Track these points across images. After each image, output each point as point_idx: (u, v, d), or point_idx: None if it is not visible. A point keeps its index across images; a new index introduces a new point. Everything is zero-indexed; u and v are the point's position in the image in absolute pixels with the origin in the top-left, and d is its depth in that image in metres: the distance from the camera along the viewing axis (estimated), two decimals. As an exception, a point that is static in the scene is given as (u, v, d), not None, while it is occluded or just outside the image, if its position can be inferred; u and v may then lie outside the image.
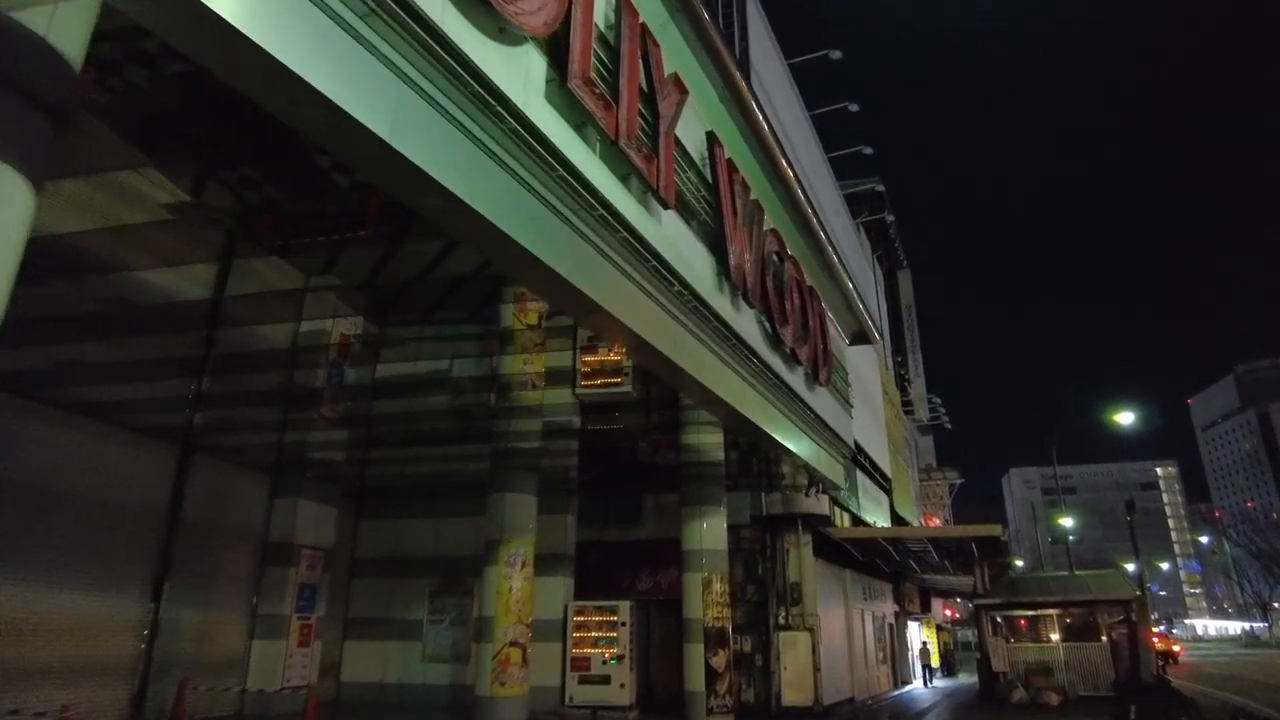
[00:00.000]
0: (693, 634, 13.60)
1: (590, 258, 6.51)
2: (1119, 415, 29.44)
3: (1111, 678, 17.10)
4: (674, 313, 8.10)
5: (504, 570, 12.65)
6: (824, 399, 13.44)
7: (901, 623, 26.50)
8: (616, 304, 6.93)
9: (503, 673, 12.16)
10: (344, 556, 16.27)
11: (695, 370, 8.55)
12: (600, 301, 6.59)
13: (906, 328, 50.65)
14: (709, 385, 8.86)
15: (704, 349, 8.83)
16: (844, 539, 17.82)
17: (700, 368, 8.67)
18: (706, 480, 14.36)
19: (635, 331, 7.31)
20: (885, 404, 30.55)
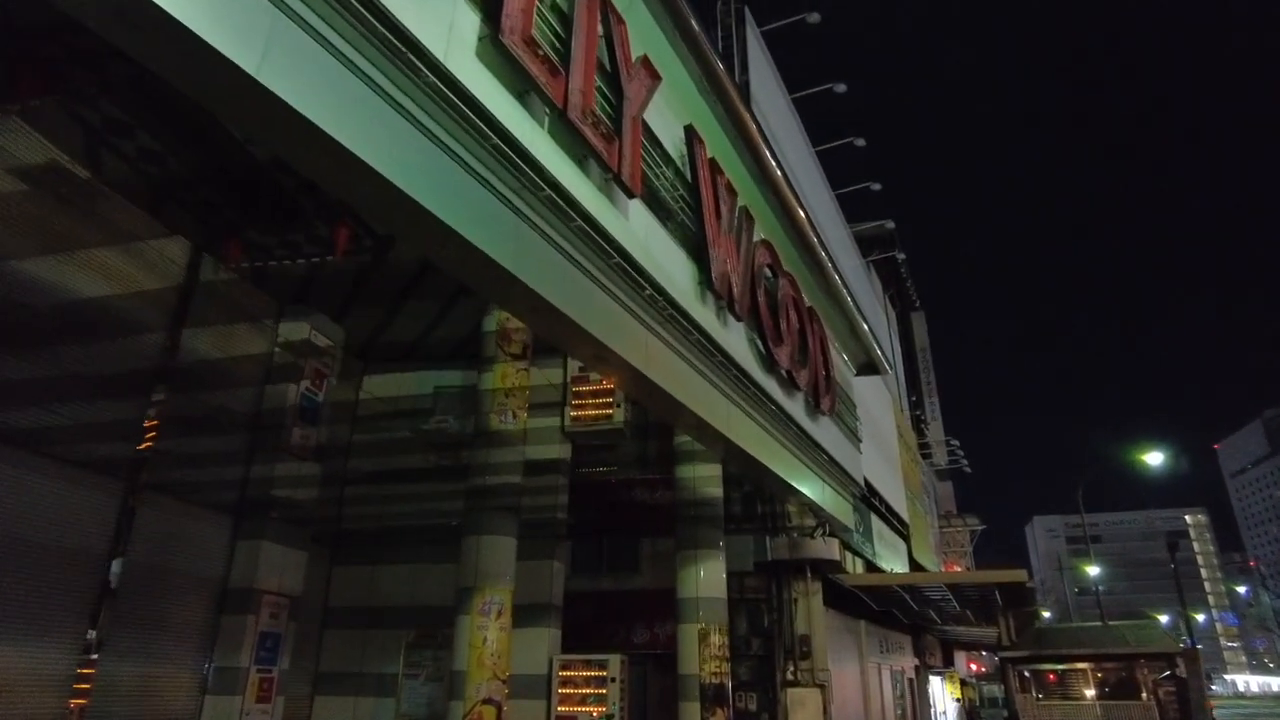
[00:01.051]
0: (687, 691, 12.35)
1: (534, 245, 5.62)
2: (1148, 455, 28.01)
3: (1156, 741, 15.54)
4: (645, 320, 7.16)
5: (478, 620, 11.56)
6: (828, 431, 12.38)
7: (923, 678, 24.81)
8: (570, 302, 6.01)
9: (474, 734, 10.96)
10: (316, 605, 15.16)
11: (672, 387, 7.58)
12: (548, 296, 5.67)
13: (922, 370, 49.52)
14: (690, 406, 7.87)
15: (684, 364, 7.87)
16: (856, 586, 16.52)
17: (678, 384, 7.70)
18: (703, 522, 13.25)
19: (595, 337, 6.38)
20: (901, 448, 29.30)
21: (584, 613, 15.99)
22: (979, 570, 30.80)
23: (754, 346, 9.48)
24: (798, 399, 10.86)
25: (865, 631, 18.54)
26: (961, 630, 25.41)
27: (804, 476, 11.39)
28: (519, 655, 13.61)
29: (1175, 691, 11.03)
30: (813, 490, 11.84)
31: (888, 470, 25.30)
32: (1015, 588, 15.79)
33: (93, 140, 10.90)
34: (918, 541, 28.22)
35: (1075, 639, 17.64)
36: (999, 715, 24.02)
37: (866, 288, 30.72)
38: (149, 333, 11.86)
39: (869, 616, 18.77)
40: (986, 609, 19.30)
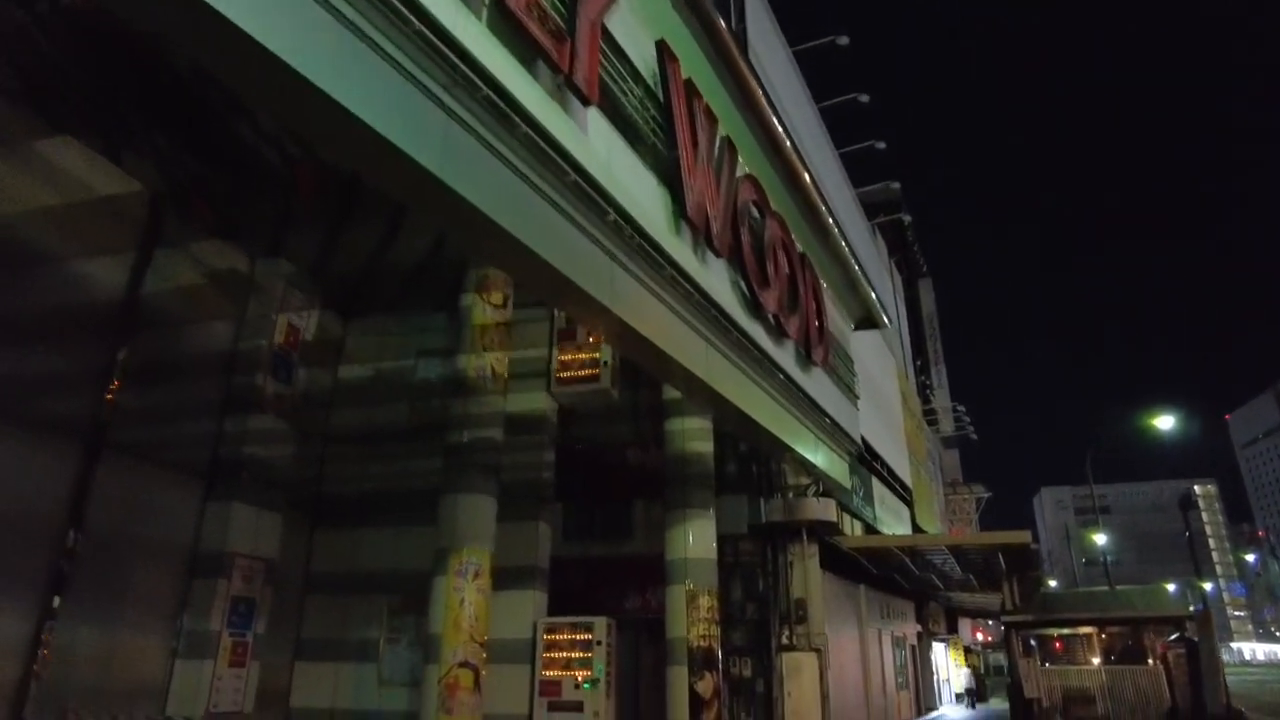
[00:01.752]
0: (675, 655, 11.90)
1: (469, 151, 4.98)
2: (1158, 420, 27.33)
3: (1165, 706, 15.03)
4: (611, 250, 6.54)
5: (454, 582, 11.09)
6: (822, 384, 11.77)
7: (925, 644, 24.43)
8: (520, 223, 5.39)
9: (450, 698, 10.55)
10: (297, 571, 14.74)
11: (644, 326, 6.97)
12: (489, 213, 5.05)
13: (929, 338, 48.73)
14: (664, 347, 7.27)
15: (656, 302, 7.26)
16: (854, 549, 16.01)
17: (650, 324, 7.09)
18: (692, 482, 12.71)
19: (552, 265, 5.77)
20: (905, 413, 28.69)
21: (575, 579, 15.56)
22: (983, 533, 30.25)
23: (738, 289, 8.85)
24: (787, 348, 10.24)
25: (865, 597, 18.07)
26: (965, 597, 24.99)
27: (794, 431, 10.80)
28: (502, 619, 13.16)
29: (1186, 656, 10.48)
30: (804, 446, 11.26)
31: (890, 434, 24.72)
32: (1019, 551, 15.25)
33: (34, 82, 10.30)
34: (922, 509, 27.71)
35: (1082, 604, 17.14)
36: (1003, 683, 23.62)
37: (871, 250, 29.89)
38: (107, 285, 11.32)
39: (869, 582, 18.29)
40: (990, 574, 18.79)
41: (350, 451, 15.30)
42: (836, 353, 12.77)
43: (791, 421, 10.72)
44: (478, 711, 10.82)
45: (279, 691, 13.96)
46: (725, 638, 15.31)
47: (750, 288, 8.87)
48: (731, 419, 9.83)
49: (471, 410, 12.00)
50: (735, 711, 14.92)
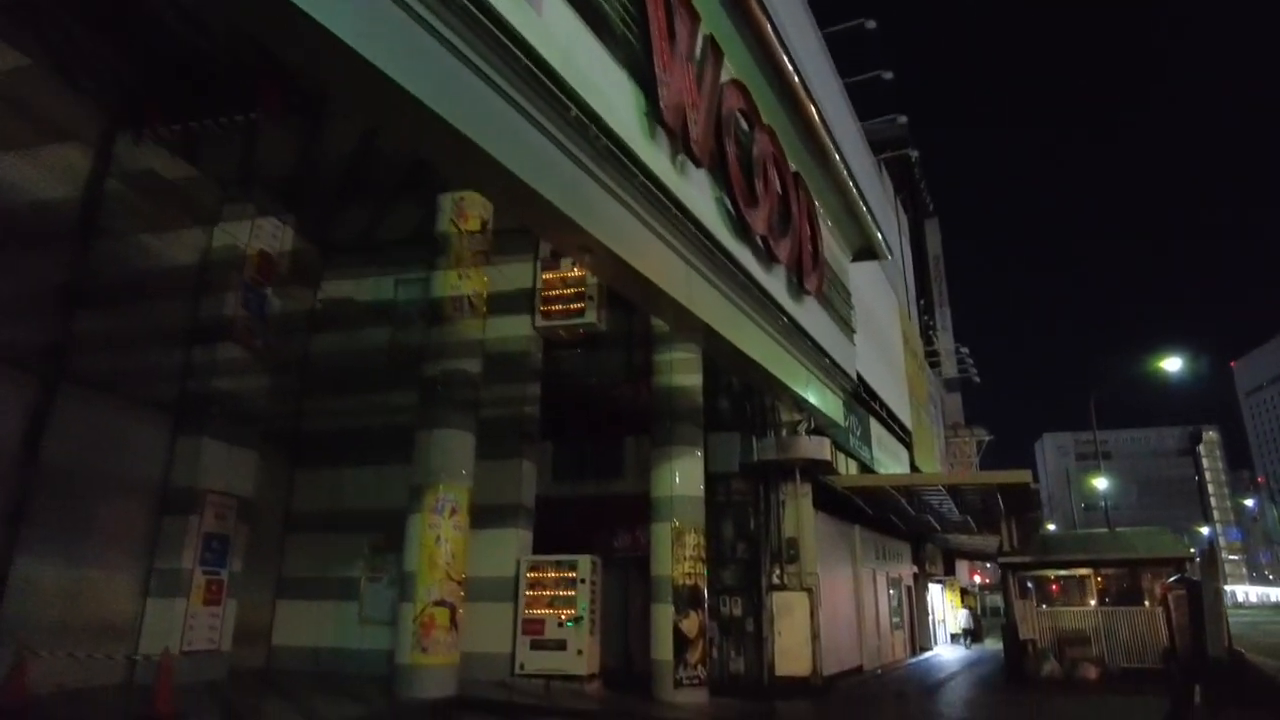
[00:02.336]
0: (660, 593, 11.57)
1: (392, 20, 4.29)
2: (1166, 362, 26.70)
3: (1161, 648, 14.78)
4: (574, 153, 5.87)
5: (429, 519, 10.72)
6: (815, 315, 11.16)
7: (921, 585, 24.32)
8: (460, 114, 4.74)
9: (425, 637, 10.26)
10: (278, 509, 14.43)
11: (613, 241, 6.35)
12: (422, 97, 4.40)
13: (934, 280, 47.76)
14: (636, 266, 6.65)
15: (628, 215, 6.61)
16: (849, 488, 15.60)
17: (621, 240, 6.46)
18: (679, 417, 12.21)
19: (504, 165, 5.14)
20: (906, 354, 28.10)
21: (565, 518, 15.16)
22: (981, 472, 29.94)
23: (722, 208, 8.18)
24: (778, 274, 9.61)
25: (860, 537, 17.77)
26: (964, 539, 24.76)
27: (785, 364, 10.24)
28: (485, 557, 12.86)
29: (1187, 597, 10.10)
30: (795, 381, 10.71)
31: (890, 374, 24.18)
32: (1019, 491, 14.83)
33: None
34: (922, 451, 27.35)
35: (1080, 546, 16.82)
36: (999, 624, 23.52)
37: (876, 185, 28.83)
38: (61, 207, 10.68)
39: (864, 522, 17.97)
40: (989, 516, 18.45)
41: (330, 387, 14.84)
42: (832, 284, 12.13)
43: (781, 354, 10.14)
44: (454, 650, 10.54)
45: (260, 629, 13.78)
46: (715, 577, 15.03)
47: (736, 205, 8.19)
48: (717, 350, 9.27)
49: (447, 342, 11.44)
50: (725, 650, 14.71)
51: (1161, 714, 9.49)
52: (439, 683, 10.30)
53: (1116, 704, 10.86)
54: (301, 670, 13.15)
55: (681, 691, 11.06)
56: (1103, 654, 15.12)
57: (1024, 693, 12.68)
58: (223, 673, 11.69)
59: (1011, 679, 14.66)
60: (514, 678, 12.08)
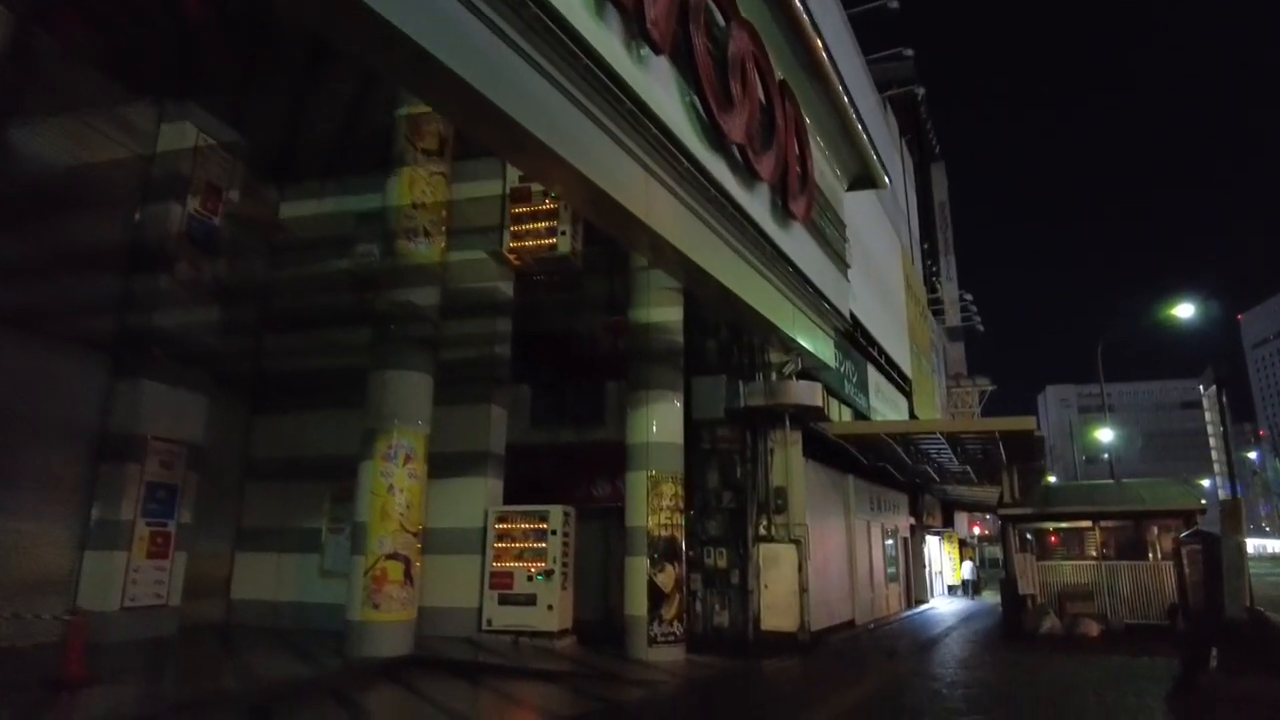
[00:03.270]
0: (634, 545, 10.81)
1: None
2: (1177, 309, 25.61)
3: (1167, 604, 14.09)
4: (496, 23, 4.82)
5: (381, 466, 9.90)
6: (803, 244, 10.15)
7: (918, 537, 23.69)
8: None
9: (376, 592, 9.52)
10: (235, 457, 13.66)
11: (555, 141, 5.34)
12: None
13: (939, 227, 46.50)
14: (579, 167, 5.64)
15: (572, 108, 5.58)
16: (841, 436, 14.75)
17: (564, 140, 5.44)
18: (657, 358, 11.29)
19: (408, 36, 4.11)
20: (908, 300, 27.09)
21: (543, 466, 14.40)
22: (982, 419, 29.08)
23: (692, 111, 7.13)
24: (759, 195, 8.58)
25: (854, 488, 17.00)
26: (964, 490, 24.04)
27: (766, 297, 9.28)
28: (451, 507, 12.12)
29: (1203, 551, 9.28)
30: (780, 317, 9.77)
31: (890, 320, 23.21)
32: (1021, 439, 13.98)
33: None
34: (922, 401, 26.51)
35: (1085, 497, 16.03)
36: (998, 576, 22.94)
37: (878, 118, 27.47)
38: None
39: (859, 472, 17.19)
40: (989, 466, 17.65)
41: (290, 328, 13.93)
42: (823, 212, 11.09)
43: (764, 285, 9.18)
44: (410, 605, 9.81)
45: (218, 583, 13.09)
46: (700, 527, 14.32)
47: (708, 109, 7.14)
48: (692, 280, 8.30)
49: (401, 274, 10.48)
50: (709, 604, 14.07)
51: (1171, 677, 8.76)
52: (393, 640, 9.59)
53: (1121, 665, 10.14)
54: (260, 626, 12.49)
55: (656, 649, 10.36)
56: (1105, 610, 14.44)
57: (1022, 651, 11.99)
58: (171, 629, 11.00)
59: (1009, 635, 14.00)
60: (481, 634, 11.41)
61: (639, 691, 8.29)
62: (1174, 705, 7.43)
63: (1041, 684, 8.79)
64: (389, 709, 7.54)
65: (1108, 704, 7.44)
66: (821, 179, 10.83)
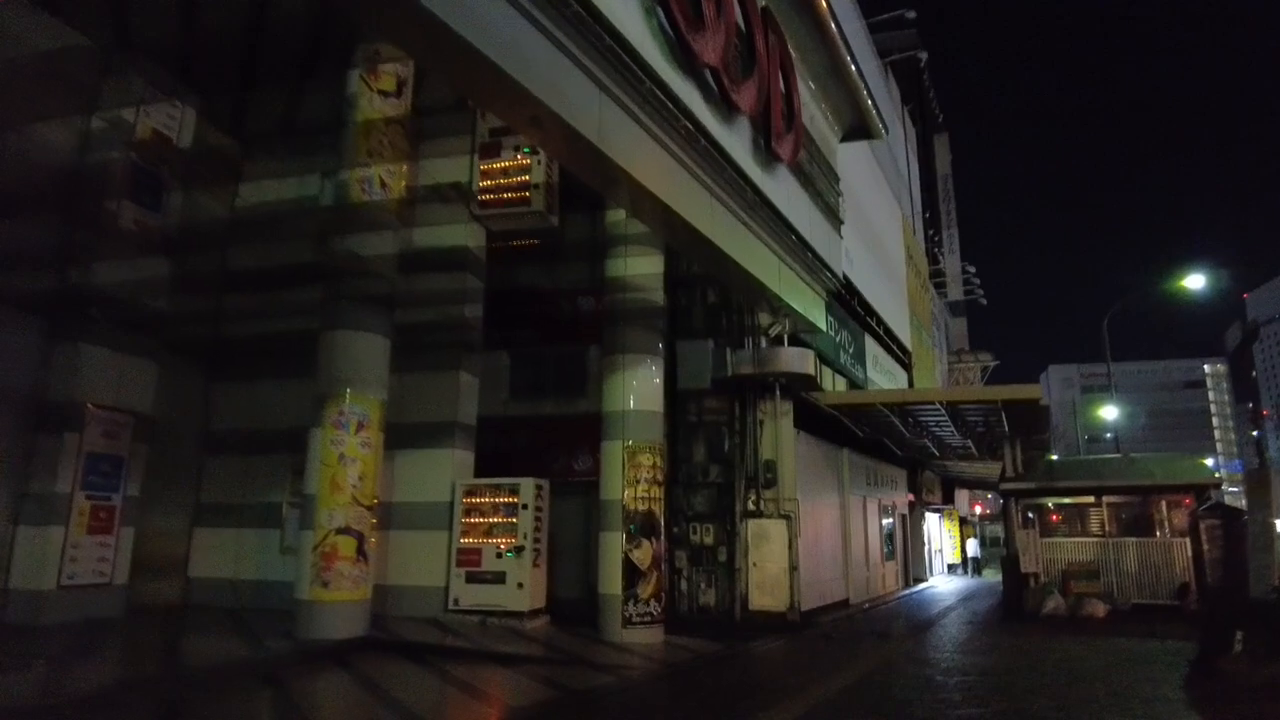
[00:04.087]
0: (609, 520, 10.08)
1: None
2: (1187, 280, 24.70)
3: (1177, 583, 13.36)
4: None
5: (331, 434, 9.15)
6: (791, 192, 9.31)
7: (917, 514, 23.00)
8: None
9: (326, 569, 8.81)
10: (193, 428, 12.91)
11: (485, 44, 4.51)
12: None
13: (942, 200, 45.45)
14: (521, 80, 4.81)
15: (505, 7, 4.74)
16: (834, 406, 13.99)
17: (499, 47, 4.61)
18: (634, 321, 10.49)
19: None
20: (909, 271, 26.22)
21: (522, 439, 13.72)
22: (984, 387, 28.21)
23: (653, 19, 6.25)
24: (739, 130, 7.74)
25: (849, 462, 16.26)
26: (964, 466, 23.32)
27: (748, 246, 8.47)
28: (417, 481, 11.40)
29: (1222, 527, 8.54)
30: (764, 271, 8.96)
31: (890, 290, 22.36)
32: (1026, 410, 13.21)
33: None
34: (922, 375, 25.72)
35: (1092, 471, 15.28)
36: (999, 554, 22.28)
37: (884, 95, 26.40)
38: None
39: (855, 446, 16.44)
40: (991, 439, 16.90)
41: (249, 292, 13.13)
42: (814, 160, 10.23)
43: (744, 234, 8.35)
44: (363, 584, 9.10)
45: (174, 561, 12.38)
46: (686, 502, 13.62)
47: (674, 24, 6.27)
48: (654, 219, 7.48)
49: (354, 229, 9.67)
50: (694, 582, 13.39)
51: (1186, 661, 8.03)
52: (345, 621, 8.88)
53: (1130, 648, 9.41)
54: (219, 606, 11.81)
55: (631, 630, 9.65)
56: (1111, 589, 13.73)
57: (1023, 633, 11.27)
58: (117, 609, 10.30)
59: (1010, 616, 13.30)
60: (448, 614, 10.72)
61: (604, 678, 7.58)
62: (1194, 694, 6.70)
63: (1045, 670, 8.06)
64: (322, 697, 6.83)
65: (1119, 693, 6.71)
66: (812, 125, 9.97)
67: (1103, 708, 6.15)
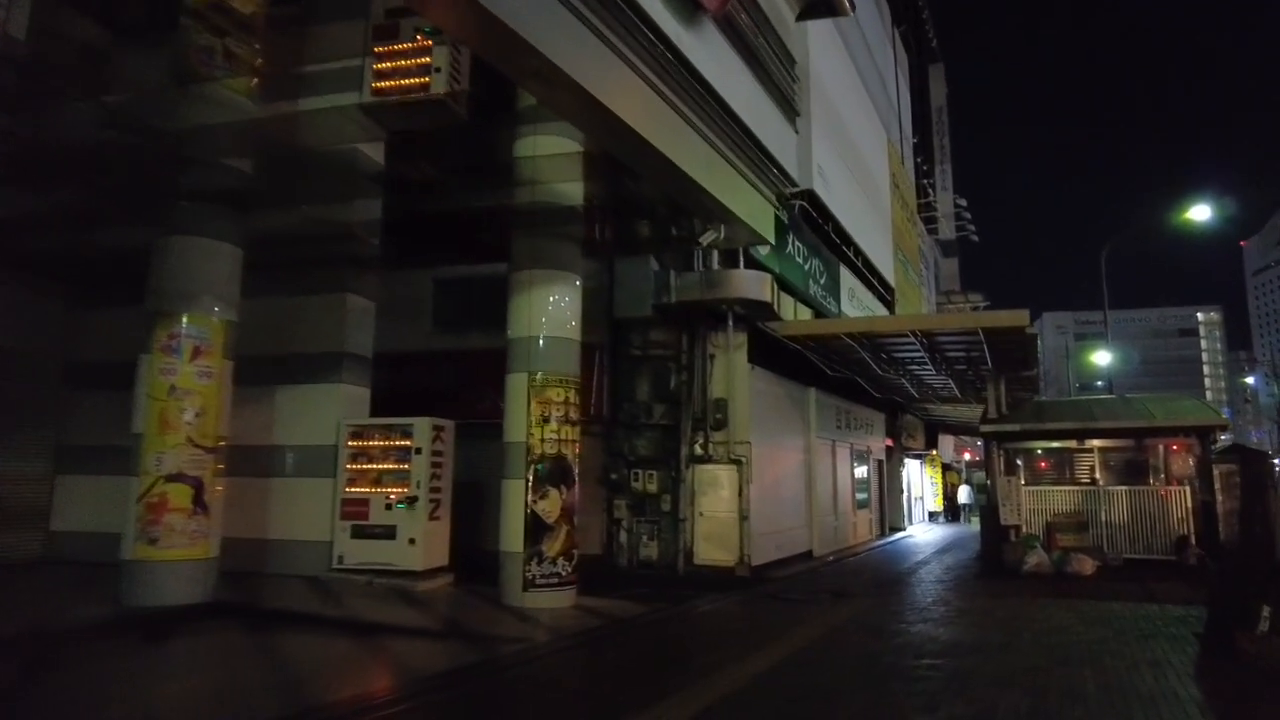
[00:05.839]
0: (512, 465, 8.49)
1: None
2: (1193, 210, 22.89)
3: (1175, 537, 11.95)
4: None
5: (161, 360, 7.46)
6: (725, 63, 7.50)
7: (896, 460, 21.60)
8: None
9: (153, 524, 7.23)
10: (49, 361, 11.21)
11: None
12: None
13: (936, 134, 43.20)
14: None
15: None
16: (791, 337, 12.35)
17: None
18: (544, 226, 8.74)
19: None
20: (894, 201, 24.31)
21: (446, 376, 12.14)
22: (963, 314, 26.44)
23: None
24: (641, -40, 5.87)
25: (816, 402, 14.69)
26: (947, 409, 21.85)
27: (664, 123, 6.67)
28: (298, 421, 9.80)
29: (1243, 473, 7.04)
30: (688, 159, 7.18)
31: (873, 220, 20.55)
32: (1011, 339, 11.57)
33: None
34: (906, 311, 24.03)
35: (1084, 413, 13.76)
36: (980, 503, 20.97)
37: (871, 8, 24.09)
38: None
39: (823, 385, 14.85)
40: (975, 377, 15.32)
41: (113, 207, 11.28)
42: (760, 29, 8.37)
43: (657, 106, 6.56)
44: (204, 540, 7.52)
45: (32, 512, 10.84)
46: (627, 446, 12.10)
47: None
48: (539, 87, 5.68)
49: (190, 111, 7.85)
50: (635, 534, 11.94)
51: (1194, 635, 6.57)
52: (180, 584, 7.34)
53: (1126, 616, 7.94)
54: (84, 561, 10.26)
55: (535, 593, 8.15)
56: (1100, 542, 12.31)
57: (1001, 593, 9.84)
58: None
59: (987, 572, 11.88)
60: (332, 573, 9.21)
61: (470, 657, 6.07)
62: (1210, 686, 5.21)
63: (1021, 647, 6.58)
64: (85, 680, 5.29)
65: (1113, 685, 5.21)
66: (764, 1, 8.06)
67: (1091, 712, 4.64)
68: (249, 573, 9.23)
